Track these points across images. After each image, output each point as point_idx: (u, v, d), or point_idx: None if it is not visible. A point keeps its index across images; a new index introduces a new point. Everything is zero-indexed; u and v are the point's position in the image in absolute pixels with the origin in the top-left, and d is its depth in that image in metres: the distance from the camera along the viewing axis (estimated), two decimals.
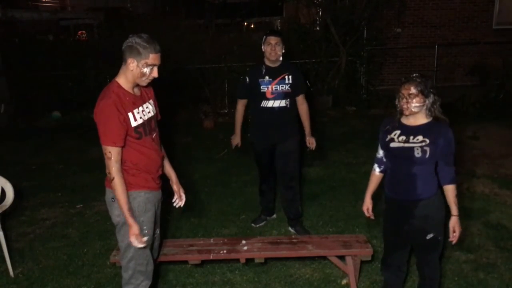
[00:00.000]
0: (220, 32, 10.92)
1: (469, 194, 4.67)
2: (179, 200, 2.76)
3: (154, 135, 2.53)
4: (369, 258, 3.09)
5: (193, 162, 5.99)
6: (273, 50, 3.57)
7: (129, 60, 2.32)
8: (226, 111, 9.36)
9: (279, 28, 12.61)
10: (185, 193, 2.80)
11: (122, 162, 2.38)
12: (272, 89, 3.64)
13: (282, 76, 3.65)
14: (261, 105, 3.67)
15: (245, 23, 15.34)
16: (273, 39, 3.58)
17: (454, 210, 2.44)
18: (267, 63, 3.68)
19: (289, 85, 3.67)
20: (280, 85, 3.65)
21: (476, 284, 3.16)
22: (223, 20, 12.66)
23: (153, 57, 2.33)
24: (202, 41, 9.69)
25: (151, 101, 2.56)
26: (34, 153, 7.04)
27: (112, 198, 2.44)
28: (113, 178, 2.32)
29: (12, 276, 3.45)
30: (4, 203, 3.57)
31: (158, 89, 2.72)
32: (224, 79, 9.38)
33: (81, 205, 4.84)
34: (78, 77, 9.68)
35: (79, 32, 13.58)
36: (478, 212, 4.26)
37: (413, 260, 2.91)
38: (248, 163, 5.82)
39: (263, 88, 3.65)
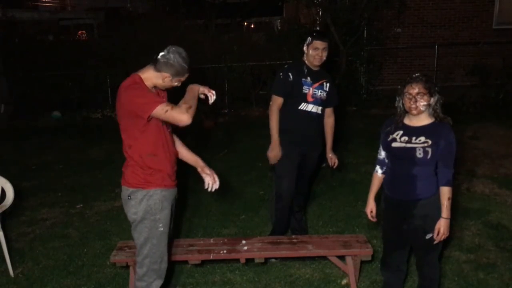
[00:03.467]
0: (220, 32, 10.93)
1: (469, 194, 4.67)
2: (213, 182, 2.70)
3: (169, 130, 2.58)
4: (369, 258, 3.09)
5: None
6: (318, 55, 3.28)
7: (165, 75, 2.41)
8: (226, 111, 9.37)
9: (279, 28, 12.59)
10: (186, 193, 2.81)
11: (141, 154, 2.41)
12: (312, 91, 3.33)
13: (321, 81, 3.38)
14: (300, 107, 3.32)
15: (245, 23, 15.35)
16: (321, 44, 3.28)
17: (444, 212, 2.42)
18: (308, 64, 3.37)
19: (326, 93, 3.39)
20: (319, 90, 3.36)
21: (476, 284, 3.16)
22: (223, 20, 12.67)
23: (187, 76, 2.49)
24: (202, 41, 9.71)
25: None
26: (34, 153, 7.04)
27: (128, 196, 2.47)
28: (188, 111, 2.31)
29: (12, 276, 3.45)
30: (4, 203, 3.57)
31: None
32: (224, 79, 9.39)
33: (81, 205, 4.84)
34: (78, 77, 9.69)
35: (79, 32, 13.59)
36: (478, 212, 4.25)
37: (413, 260, 2.91)
38: (248, 163, 5.83)
39: (305, 89, 3.31)
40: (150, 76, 2.43)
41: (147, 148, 2.43)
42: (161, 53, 2.41)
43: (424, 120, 2.45)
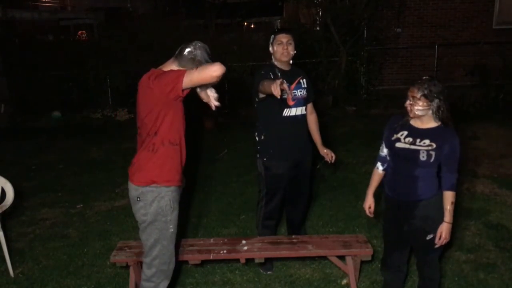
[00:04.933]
0: (220, 32, 10.93)
1: (469, 194, 4.67)
2: None
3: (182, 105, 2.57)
4: (369, 258, 3.08)
5: (193, 162, 5.99)
6: (284, 49, 3.09)
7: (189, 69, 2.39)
8: (226, 111, 9.37)
9: (279, 28, 12.58)
10: (186, 193, 2.83)
11: (164, 142, 2.41)
12: (291, 95, 3.14)
13: (297, 79, 3.22)
14: (284, 113, 3.14)
15: (245, 23, 15.35)
16: (284, 37, 3.10)
17: (446, 216, 2.42)
18: (280, 65, 3.17)
19: (305, 90, 3.24)
20: (298, 90, 3.19)
21: (476, 284, 3.16)
22: (223, 20, 12.67)
23: None
24: (202, 41, 9.69)
25: None
26: (34, 153, 7.04)
27: (137, 198, 2.44)
28: (214, 64, 2.27)
29: (12, 276, 3.45)
30: (4, 203, 3.57)
31: None
32: (224, 79, 9.37)
33: (81, 205, 4.84)
34: (78, 77, 9.69)
35: (79, 32, 13.59)
36: (478, 212, 4.25)
37: (413, 260, 2.91)
38: (248, 163, 5.82)
39: (284, 94, 3.03)
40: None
41: (172, 136, 2.43)
42: (187, 49, 2.42)
43: (429, 123, 2.44)
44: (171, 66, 2.45)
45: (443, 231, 2.42)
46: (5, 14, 11.30)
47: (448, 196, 2.41)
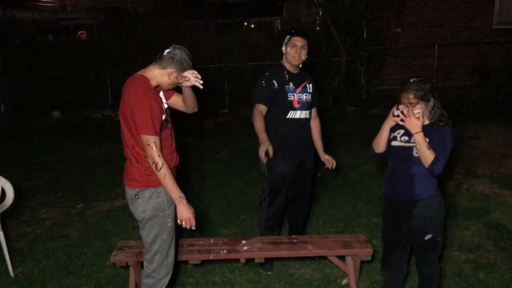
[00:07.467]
0: (220, 32, 10.93)
1: (469, 194, 4.68)
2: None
3: (170, 125, 2.58)
4: (369, 258, 3.08)
5: (193, 162, 6.00)
6: (297, 53, 3.10)
7: (170, 70, 2.45)
8: (226, 111, 9.38)
9: (279, 28, 12.58)
10: (186, 193, 2.82)
11: (143, 159, 2.43)
12: (297, 97, 3.18)
13: (304, 83, 3.24)
14: (288, 116, 3.16)
15: (245, 23, 15.36)
16: (299, 41, 3.09)
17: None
18: (289, 68, 3.20)
19: (310, 95, 3.26)
20: (304, 94, 3.21)
21: (476, 284, 3.16)
22: (223, 20, 12.68)
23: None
24: (202, 41, 9.71)
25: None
26: (34, 153, 7.04)
27: (136, 196, 2.48)
28: (161, 166, 2.34)
29: (12, 276, 3.45)
30: (4, 203, 3.57)
31: None
32: (224, 79, 9.40)
33: (81, 205, 4.84)
34: (78, 77, 9.69)
35: (79, 32, 13.59)
36: (478, 212, 4.25)
37: (413, 260, 2.91)
38: (248, 163, 5.83)
39: (290, 96, 3.15)
40: (155, 75, 2.46)
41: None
42: (167, 50, 2.45)
43: (424, 120, 2.44)
44: (153, 70, 2.46)
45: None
46: (5, 14, 11.28)
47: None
